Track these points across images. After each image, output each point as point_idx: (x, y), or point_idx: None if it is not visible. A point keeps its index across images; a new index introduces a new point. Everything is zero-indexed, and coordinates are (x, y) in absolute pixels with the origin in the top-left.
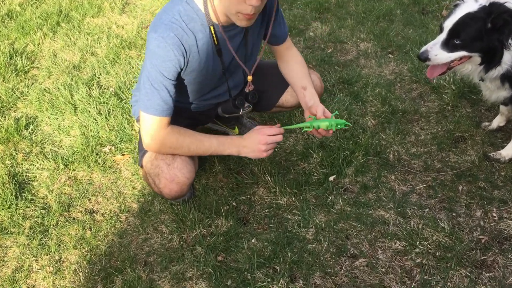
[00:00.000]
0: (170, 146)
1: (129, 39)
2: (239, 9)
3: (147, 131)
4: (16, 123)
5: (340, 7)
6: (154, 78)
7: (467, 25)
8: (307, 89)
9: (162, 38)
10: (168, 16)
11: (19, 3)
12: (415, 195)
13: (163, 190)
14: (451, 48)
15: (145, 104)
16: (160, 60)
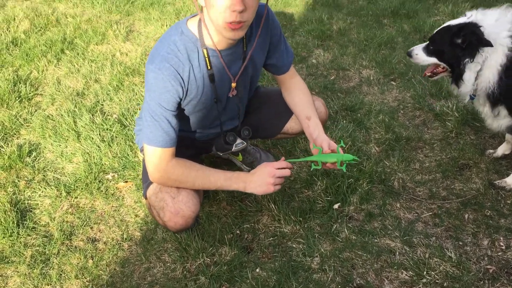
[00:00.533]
0: (175, 179)
1: (132, 66)
2: (225, 18)
3: (152, 164)
4: (19, 150)
5: (342, 34)
6: (154, 110)
7: (441, 35)
8: (311, 119)
9: (158, 69)
10: (164, 47)
11: (23, 31)
12: (421, 224)
13: (168, 223)
14: (429, 52)
15: (147, 137)
16: (158, 91)
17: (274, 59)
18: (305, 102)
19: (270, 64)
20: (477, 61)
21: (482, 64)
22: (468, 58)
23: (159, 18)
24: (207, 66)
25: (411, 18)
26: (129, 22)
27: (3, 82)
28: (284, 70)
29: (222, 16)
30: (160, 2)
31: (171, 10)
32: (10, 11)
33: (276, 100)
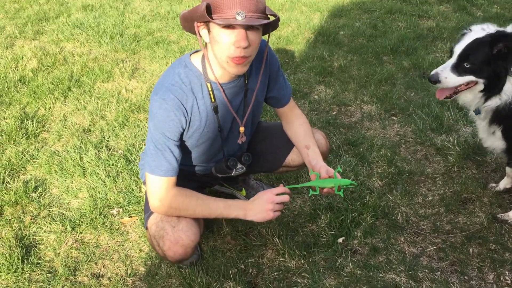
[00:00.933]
0: (176, 207)
1: (138, 102)
2: (230, 54)
3: (154, 192)
4: (25, 185)
5: (343, 71)
6: (157, 139)
7: (475, 50)
8: (310, 148)
9: (163, 100)
10: (168, 79)
11: (31, 69)
12: (426, 258)
13: (167, 253)
14: (461, 72)
15: (150, 165)
16: (162, 121)
17: (275, 92)
18: (304, 132)
19: (271, 97)
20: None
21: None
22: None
23: (164, 56)
24: (211, 99)
25: (410, 55)
26: (135, 60)
27: (11, 119)
28: (284, 102)
29: (227, 51)
30: (165, 41)
31: (176, 48)
32: (18, 50)
33: (277, 133)
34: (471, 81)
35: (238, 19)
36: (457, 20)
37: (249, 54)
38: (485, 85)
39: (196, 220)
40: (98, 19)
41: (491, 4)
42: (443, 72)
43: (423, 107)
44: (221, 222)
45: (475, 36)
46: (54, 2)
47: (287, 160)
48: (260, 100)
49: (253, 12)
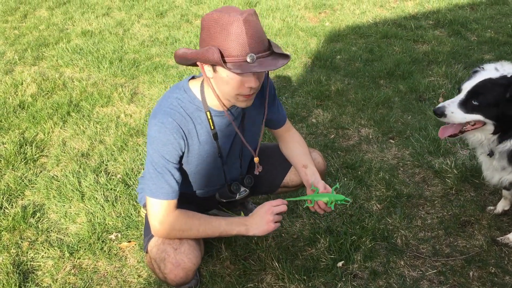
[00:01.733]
0: (179, 229)
1: (137, 127)
2: (239, 91)
3: (155, 216)
4: (23, 211)
5: (340, 95)
6: (157, 162)
7: (487, 89)
8: (308, 167)
9: (161, 123)
10: (166, 103)
11: (31, 94)
12: (426, 281)
13: (168, 276)
14: (468, 109)
15: (150, 189)
16: (160, 144)
17: (271, 115)
18: (302, 152)
19: (268, 120)
20: None
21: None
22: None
23: (162, 81)
24: (210, 126)
25: (406, 79)
26: (134, 85)
27: (10, 144)
28: (281, 124)
29: (237, 91)
30: (164, 65)
31: (174, 73)
32: (18, 76)
33: (274, 154)
34: (478, 120)
35: (249, 62)
36: (452, 44)
37: (257, 90)
38: (496, 127)
39: (198, 243)
40: (98, 45)
41: (485, 28)
42: (450, 106)
43: (420, 130)
44: (220, 247)
45: (488, 75)
46: (53, 28)
47: (286, 181)
48: (258, 123)
49: (261, 51)
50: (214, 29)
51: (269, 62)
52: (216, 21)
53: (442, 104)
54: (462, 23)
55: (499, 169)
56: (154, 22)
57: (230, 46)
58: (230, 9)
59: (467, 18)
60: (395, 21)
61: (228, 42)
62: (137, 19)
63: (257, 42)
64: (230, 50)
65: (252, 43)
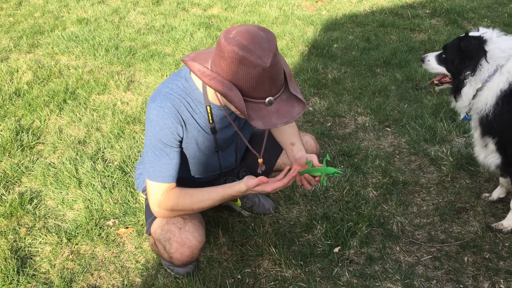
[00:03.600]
0: (179, 209)
1: (133, 114)
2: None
3: (154, 199)
4: (20, 197)
5: (337, 83)
6: (155, 145)
7: (453, 44)
8: (295, 144)
9: (160, 107)
10: (166, 88)
11: (26, 82)
12: (421, 267)
13: (174, 255)
14: (440, 61)
15: (148, 172)
16: (158, 128)
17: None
18: (290, 132)
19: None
20: (478, 78)
21: (484, 83)
22: (470, 70)
23: (159, 69)
24: (209, 120)
25: (403, 68)
26: (130, 73)
27: (6, 131)
28: None
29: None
30: (160, 53)
31: (171, 61)
32: (13, 63)
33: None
34: (444, 73)
35: (266, 103)
36: (448, 33)
37: None
38: (453, 82)
39: (201, 222)
40: (93, 33)
41: (481, 18)
42: (429, 56)
43: (417, 118)
44: (218, 233)
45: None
46: (49, 16)
47: (278, 164)
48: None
49: (278, 91)
50: (238, 67)
51: (287, 109)
52: (241, 61)
53: (428, 54)
54: (458, 12)
55: (483, 146)
56: (150, 10)
57: (251, 91)
58: (256, 45)
59: (464, 7)
60: (392, 9)
61: (250, 85)
62: (133, 7)
63: (277, 87)
64: (251, 94)
65: (273, 89)
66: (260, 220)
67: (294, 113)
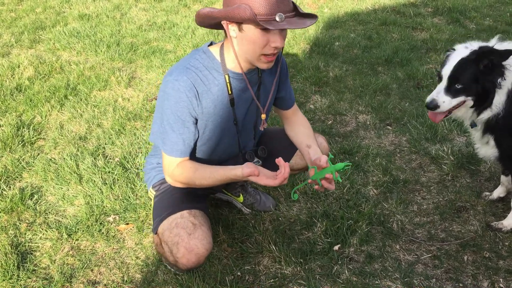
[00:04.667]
0: (185, 182)
1: (134, 111)
2: (265, 51)
3: (166, 169)
4: (21, 193)
5: (338, 81)
6: (168, 118)
7: (463, 70)
8: (312, 147)
9: (175, 80)
10: (184, 62)
11: (28, 77)
12: (421, 265)
13: (180, 260)
14: (453, 93)
15: (164, 144)
16: (173, 101)
17: (283, 92)
18: (306, 134)
19: (280, 98)
20: (508, 80)
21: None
22: (500, 77)
23: (160, 65)
24: (228, 91)
25: (405, 66)
26: (131, 69)
27: (7, 127)
28: (291, 103)
29: (262, 50)
30: (161, 50)
31: (172, 58)
32: (15, 59)
33: (280, 137)
34: (461, 101)
35: (278, 21)
36: (450, 32)
37: (279, 51)
38: (475, 101)
39: (209, 228)
40: (95, 29)
41: (484, 16)
42: (439, 97)
43: (418, 117)
44: (218, 230)
45: (459, 55)
46: (50, 11)
47: (291, 164)
48: (273, 95)
49: (288, 12)
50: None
51: (297, 21)
52: None
53: (432, 97)
54: (461, 11)
55: (484, 143)
56: (151, 6)
57: (260, 5)
58: None
59: (466, 6)
60: (394, 8)
61: (258, 0)
62: (135, 3)
63: (284, 2)
64: (260, 9)
65: (280, 3)
66: (260, 217)
67: (307, 23)
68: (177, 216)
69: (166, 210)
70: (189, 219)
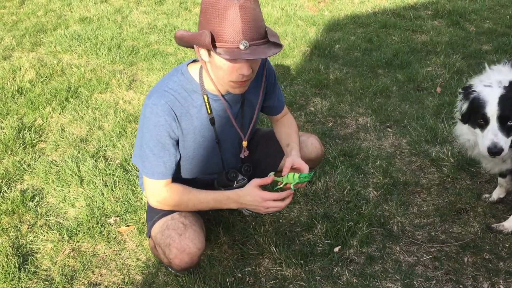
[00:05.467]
0: (173, 204)
1: (135, 113)
2: (231, 78)
3: (149, 192)
4: (22, 195)
5: (339, 83)
6: (148, 142)
7: (510, 106)
8: (289, 145)
9: (154, 105)
10: (163, 85)
11: (29, 80)
12: (421, 267)
13: (173, 261)
14: (507, 131)
15: (144, 167)
16: (152, 125)
17: (271, 102)
18: (286, 133)
19: (268, 107)
20: None
21: None
22: None
23: (161, 68)
24: (207, 110)
25: (405, 69)
26: (132, 72)
27: (8, 129)
28: (280, 109)
29: (229, 77)
30: (162, 53)
31: (173, 61)
32: (16, 61)
33: (270, 140)
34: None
35: (242, 49)
36: (450, 34)
37: (250, 77)
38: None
39: (201, 228)
40: (96, 32)
41: (484, 19)
42: (500, 140)
43: (418, 119)
44: (219, 231)
45: (495, 93)
46: (52, 15)
47: (282, 165)
48: (259, 111)
49: (256, 40)
50: (211, 13)
51: (262, 50)
52: (213, 5)
53: (493, 143)
54: (461, 14)
55: (499, 162)
56: (152, 9)
57: (224, 32)
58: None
59: (466, 9)
60: (394, 11)
61: (223, 27)
62: (136, 6)
63: (251, 30)
64: (224, 35)
65: (247, 30)
66: (261, 219)
67: (270, 52)
68: (168, 218)
69: (158, 213)
70: (179, 220)
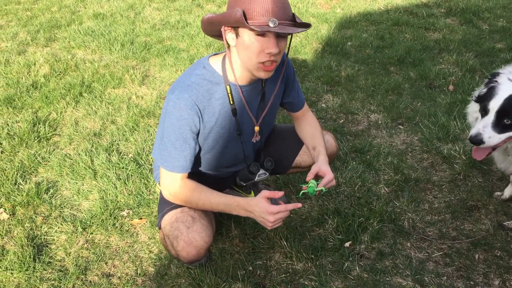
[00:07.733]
0: (183, 199)
1: (148, 108)
2: (260, 59)
3: (163, 184)
4: (37, 187)
5: (350, 80)
6: (170, 136)
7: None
8: (316, 148)
9: (177, 99)
10: (186, 79)
11: (43, 75)
12: (432, 263)
13: (181, 253)
14: (501, 128)
15: (163, 159)
16: (175, 119)
17: (291, 98)
18: (312, 134)
19: (287, 103)
20: None
21: None
22: None
23: (173, 64)
24: (230, 101)
25: (417, 66)
26: (145, 68)
27: (23, 123)
28: (300, 106)
29: (256, 57)
30: (175, 49)
31: (185, 57)
32: (30, 56)
33: (287, 135)
34: (509, 137)
35: (271, 26)
36: (463, 32)
37: (277, 60)
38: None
39: (210, 222)
40: (109, 27)
41: (497, 17)
42: (486, 132)
43: (430, 117)
44: (230, 225)
45: (509, 90)
46: (66, 10)
47: (298, 161)
48: (276, 103)
49: (284, 20)
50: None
51: (290, 28)
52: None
53: (477, 131)
54: (474, 12)
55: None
56: (165, 5)
57: (254, 9)
58: None
59: (479, 7)
60: (407, 8)
61: (253, 5)
62: (149, 3)
63: (280, 9)
64: (254, 13)
65: (276, 9)
66: None
67: (298, 29)
68: (178, 211)
69: (169, 205)
70: (188, 213)
